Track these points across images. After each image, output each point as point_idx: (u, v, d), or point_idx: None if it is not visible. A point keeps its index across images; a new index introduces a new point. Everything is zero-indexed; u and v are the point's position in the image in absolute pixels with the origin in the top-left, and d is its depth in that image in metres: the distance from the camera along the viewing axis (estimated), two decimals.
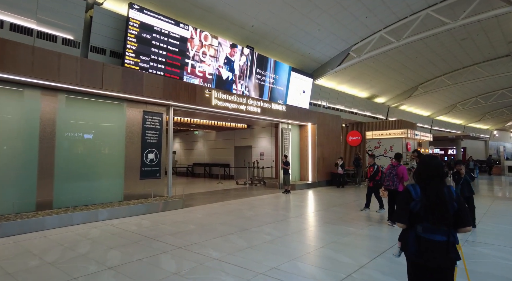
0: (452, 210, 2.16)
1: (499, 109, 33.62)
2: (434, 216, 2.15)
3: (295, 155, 14.37)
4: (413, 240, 2.21)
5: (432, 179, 2.25)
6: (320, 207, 8.69)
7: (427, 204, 2.19)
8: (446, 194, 2.18)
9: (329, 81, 17.09)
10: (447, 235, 2.14)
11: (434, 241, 2.14)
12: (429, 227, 2.16)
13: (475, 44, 15.82)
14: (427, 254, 2.16)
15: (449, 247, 2.13)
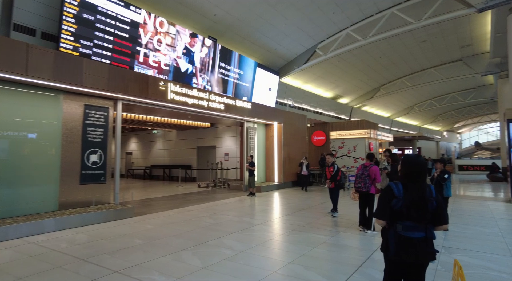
0: (431, 208, 2.22)
1: (449, 111, 36.00)
2: (417, 214, 2.20)
3: (261, 155, 13.71)
4: (393, 239, 2.26)
5: (416, 177, 2.30)
6: (286, 211, 8.06)
7: (410, 202, 2.23)
8: (428, 193, 2.25)
9: (295, 79, 16.70)
10: (425, 231, 2.21)
11: (414, 238, 2.20)
12: (409, 225, 2.22)
13: (433, 47, 16.35)
14: (406, 251, 2.21)
15: (427, 242, 2.21)
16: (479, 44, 16.03)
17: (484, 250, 4.64)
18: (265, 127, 14.18)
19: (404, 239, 2.22)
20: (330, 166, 7.15)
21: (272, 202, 9.82)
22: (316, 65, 15.61)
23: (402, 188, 2.29)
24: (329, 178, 7.15)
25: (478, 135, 52.84)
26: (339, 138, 19.53)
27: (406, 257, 2.22)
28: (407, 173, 2.33)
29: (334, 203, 7.20)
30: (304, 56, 14.13)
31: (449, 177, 5.77)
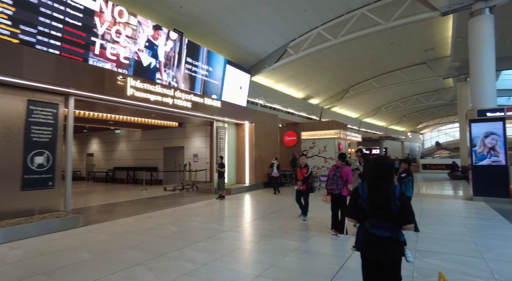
0: (395, 208, 2.24)
1: (413, 113, 37.71)
2: (380, 213, 2.26)
3: (231, 156, 13.24)
4: (361, 235, 2.36)
5: (381, 178, 2.35)
6: (257, 215, 7.66)
7: (373, 201, 2.30)
8: (391, 193, 2.28)
9: (266, 79, 16.41)
10: (391, 231, 2.24)
11: (379, 236, 2.26)
12: (375, 223, 2.28)
13: (400, 50, 16.80)
14: (371, 249, 2.28)
15: (390, 242, 2.23)
16: (441, 48, 16.71)
17: (456, 252, 4.52)
18: (236, 127, 13.72)
19: (371, 237, 2.30)
20: (304, 167, 6.81)
21: (242, 205, 9.39)
22: (287, 65, 15.42)
23: (366, 188, 2.39)
24: (301, 180, 6.75)
25: (438, 136, 56.08)
26: (310, 139, 19.56)
27: (370, 254, 2.30)
28: (373, 174, 2.42)
29: (306, 206, 6.88)
30: (276, 54, 13.87)
31: (407, 176, 5.67)
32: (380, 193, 2.31)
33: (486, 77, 9.39)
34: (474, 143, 9.23)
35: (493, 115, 8.96)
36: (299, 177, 6.78)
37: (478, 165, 9.12)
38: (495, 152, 8.93)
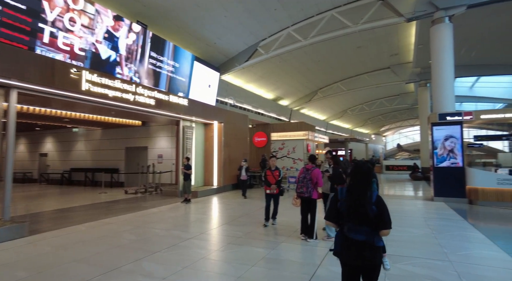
0: (372, 213, 2.26)
1: (377, 116, 39.37)
2: (356, 217, 2.29)
3: (199, 157, 12.72)
4: (339, 238, 2.39)
5: (358, 182, 2.39)
6: (224, 220, 7.29)
7: (350, 205, 2.33)
8: (368, 198, 2.30)
9: (237, 78, 16.08)
10: (366, 235, 2.26)
11: (355, 240, 2.27)
12: (352, 227, 2.30)
13: (367, 54, 17.28)
14: (347, 252, 2.30)
15: (366, 246, 2.24)
16: (404, 54, 17.44)
17: (424, 256, 4.50)
18: (204, 127, 13.22)
19: (347, 240, 2.31)
20: (275, 169, 6.51)
21: (209, 209, 8.96)
22: (257, 65, 15.21)
23: (345, 192, 2.43)
24: (275, 183, 6.35)
25: (400, 138, 59.19)
26: (280, 140, 19.52)
27: (345, 256, 2.33)
28: (352, 178, 2.46)
29: (275, 210, 6.60)
30: (246, 53, 13.59)
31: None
32: (357, 197, 2.33)
33: (446, 83, 9.82)
34: (436, 145, 9.59)
35: (452, 119, 9.37)
36: (271, 180, 6.41)
37: (439, 166, 9.49)
38: (454, 154, 9.34)
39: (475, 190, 8.83)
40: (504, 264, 4.16)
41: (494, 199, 8.52)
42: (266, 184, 6.44)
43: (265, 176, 6.49)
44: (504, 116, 9.10)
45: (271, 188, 6.38)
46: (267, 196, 6.50)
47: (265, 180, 6.46)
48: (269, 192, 6.42)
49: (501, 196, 8.45)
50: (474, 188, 8.83)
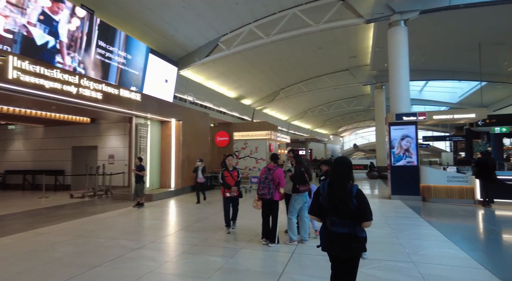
0: (353, 206, 2.35)
1: (335, 117, 40.76)
2: (338, 210, 2.38)
3: (155, 157, 11.86)
4: (323, 233, 2.49)
5: (339, 177, 2.49)
6: (179, 225, 6.70)
7: (332, 199, 2.43)
8: (348, 192, 2.39)
9: (197, 74, 15.39)
10: (349, 227, 2.35)
11: (338, 233, 2.37)
12: (335, 221, 2.39)
13: (327, 55, 17.57)
14: (332, 245, 2.41)
15: (350, 238, 2.34)
16: (362, 56, 18.04)
17: (388, 258, 4.37)
18: (161, 125, 12.38)
19: (331, 234, 2.39)
20: (233, 169, 6.07)
21: (163, 214, 8.27)
22: (219, 61, 14.69)
23: (327, 186, 2.49)
24: (235, 184, 5.86)
25: (356, 139, 62.16)
26: (242, 139, 19.18)
27: (330, 249, 2.41)
28: (332, 173, 2.55)
29: (235, 213, 6.18)
30: (206, 48, 12.99)
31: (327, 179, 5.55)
32: (337, 191, 2.41)
33: (402, 84, 10.16)
34: (393, 144, 9.87)
35: (408, 119, 9.70)
36: (230, 182, 5.89)
37: (396, 165, 9.77)
38: (409, 153, 9.68)
39: (428, 188, 9.21)
40: (463, 263, 4.16)
41: (444, 196, 8.95)
42: (225, 186, 5.86)
43: (223, 177, 5.90)
44: (453, 117, 9.64)
45: (231, 190, 5.86)
46: (226, 200, 5.94)
47: (223, 182, 5.88)
48: (229, 195, 5.86)
49: (450, 193, 8.90)
50: (427, 185, 9.21)
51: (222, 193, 5.93)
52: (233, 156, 6.23)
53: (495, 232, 6.16)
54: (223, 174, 5.92)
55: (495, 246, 5.21)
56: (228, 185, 5.86)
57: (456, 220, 7.20)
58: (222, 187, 5.94)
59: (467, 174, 9.15)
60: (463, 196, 8.75)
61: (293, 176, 5.24)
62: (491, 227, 6.55)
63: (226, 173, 5.93)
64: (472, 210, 8.02)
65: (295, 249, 4.77)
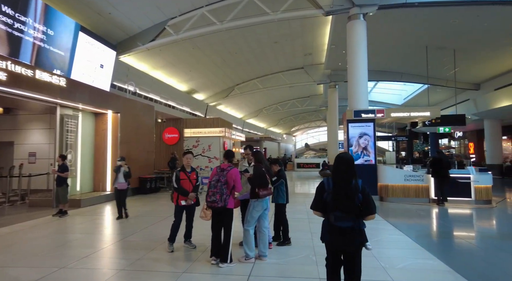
0: (358, 201, 2.41)
1: (289, 116, 41.07)
2: (343, 206, 2.40)
3: (87, 156, 10.07)
4: (326, 229, 2.50)
5: (343, 173, 2.48)
6: (111, 239, 5.35)
7: (337, 195, 2.43)
8: (353, 187, 2.42)
9: (141, 62, 13.68)
10: (353, 221, 2.40)
11: (343, 227, 2.40)
12: (339, 216, 2.40)
13: (283, 51, 17.01)
14: (337, 239, 2.43)
15: (354, 232, 2.40)
16: (317, 54, 17.87)
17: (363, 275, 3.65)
18: (95, 118, 10.58)
19: (335, 229, 2.42)
20: (192, 171, 4.73)
21: (90, 224, 6.75)
22: (167, 49, 13.20)
23: (331, 183, 2.49)
24: (192, 190, 4.60)
25: (307, 138, 63.87)
26: (194, 137, 17.89)
27: (336, 245, 2.46)
28: (335, 169, 2.54)
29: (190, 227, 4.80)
30: (151, 32, 11.46)
31: (279, 179, 4.78)
32: (343, 187, 2.42)
33: (360, 79, 9.87)
34: (351, 142, 9.51)
35: (367, 116, 9.42)
36: (187, 187, 4.56)
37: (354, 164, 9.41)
38: (367, 151, 9.40)
39: (385, 187, 8.99)
40: (445, 277, 3.61)
41: (401, 195, 8.80)
42: (180, 192, 4.52)
43: (178, 181, 4.53)
44: (410, 115, 9.60)
45: (188, 197, 4.55)
46: (179, 209, 4.61)
47: (178, 187, 4.52)
48: (184, 203, 4.55)
49: (407, 192, 8.76)
50: (385, 185, 8.99)
51: (175, 200, 4.61)
52: (193, 154, 4.93)
53: (466, 236, 5.93)
54: (178, 176, 4.56)
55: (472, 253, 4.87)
56: (185, 191, 4.54)
57: (418, 221, 6.93)
58: (175, 192, 4.60)
59: (420, 172, 9.12)
60: (419, 195, 8.67)
61: (251, 178, 4.29)
62: (458, 229, 6.35)
63: (183, 175, 4.60)
64: (429, 209, 7.92)
65: (252, 269, 3.82)
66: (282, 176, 4.86)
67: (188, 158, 4.70)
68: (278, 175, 4.82)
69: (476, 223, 6.90)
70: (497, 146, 17.19)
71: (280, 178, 4.83)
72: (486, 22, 11.38)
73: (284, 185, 4.93)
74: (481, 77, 18.04)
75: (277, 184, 4.76)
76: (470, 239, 5.45)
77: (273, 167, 4.93)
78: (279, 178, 4.80)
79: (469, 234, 5.95)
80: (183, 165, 4.68)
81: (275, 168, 4.93)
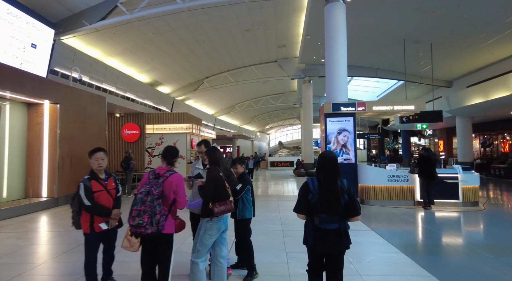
0: (344, 202, 2.28)
1: (263, 114, 40.08)
2: (330, 207, 2.26)
3: (16, 155, 8.25)
4: (311, 232, 2.34)
5: (328, 172, 2.35)
6: (34, 259, 3.82)
7: (323, 196, 2.29)
8: (339, 187, 2.30)
9: (92, 46, 11.85)
10: (339, 223, 2.29)
11: (329, 230, 2.28)
12: (325, 218, 2.28)
13: (255, 41, 15.79)
14: (322, 242, 2.28)
15: (341, 234, 2.28)
16: (292, 46, 16.87)
17: None
18: (28, 109, 8.74)
19: (320, 231, 2.29)
20: (108, 177, 3.17)
21: (11, 242, 5.11)
22: (123, 34, 11.54)
23: (317, 183, 2.34)
24: (113, 206, 3.07)
25: (281, 136, 63.43)
26: (157, 133, 16.30)
27: (321, 247, 2.31)
28: (320, 169, 2.40)
29: (111, 260, 3.26)
30: (101, 9, 9.75)
31: (245, 185, 3.52)
32: (328, 187, 2.30)
33: (339, 68, 8.88)
34: (329, 139, 8.50)
35: (347, 110, 8.44)
36: (105, 201, 2.99)
37: None
38: (347, 149, 8.45)
39: (367, 189, 8.06)
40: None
41: (384, 198, 7.91)
42: (96, 212, 2.91)
43: (90, 195, 2.90)
44: (393, 109, 8.72)
45: (112, 216, 3.00)
46: (94, 238, 2.99)
47: (91, 206, 2.87)
48: (106, 227, 2.97)
49: (390, 194, 7.89)
50: (366, 186, 8.06)
51: (85, 225, 2.95)
52: (103, 151, 3.31)
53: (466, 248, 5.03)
54: (89, 188, 2.92)
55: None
56: (104, 208, 2.96)
57: (403, 226, 6.02)
58: (83, 213, 2.94)
59: (404, 172, 8.30)
60: (403, 197, 7.82)
61: (204, 186, 3.00)
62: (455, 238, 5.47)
63: (96, 184, 3.00)
64: (414, 213, 7.08)
65: None
66: (247, 181, 3.64)
67: (98, 159, 3.03)
68: (243, 180, 3.58)
69: (467, 229, 6.12)
70: (468, 143, 17.18)
71: (246, 184, 3.60)
72: (466, 13, 10.91)
73: (251, 192, 3.71)
74: (454, 74, 17.99)
75: (240, 195, 3.51)
76: (469, 251, 4.56)
77: (237, 167, 3.70)
78: (244, 184, 3.57)
79: (467, 243, 5.09)
80: (91, 171, 3.06)
81: (239, 169, 3.70)
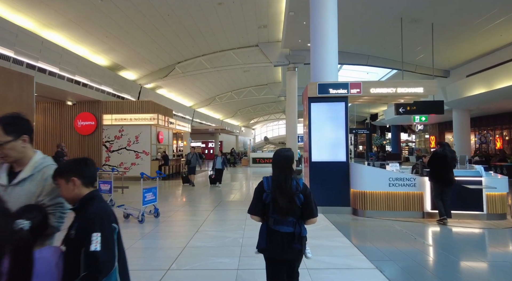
0: (299, 202, 2.15)
1: (247, 107, 37.99)
2: (280, 207, 2.14)
3: None
4: (264, 234, 2.21)
5: (281, 170, 2.23)
6: None
7: (275, 195, 2.18)
8: (293, 186, 2.18)
9: (21, 14, 9.44)
10: (294, 226, 2.15)
11: (282, 232, 2.14)
12: (278, 219, 2.16)
13: (231, 18, 13.59)
14: (274, 246, 2.15)
15: (294, 238, 2.13)
16: (274, 27, 14.84)
17: None
18: None
19: (273, 233, 2.16)
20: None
21: None
22: (65, 2, 9.19)
23: (271, 182, 2.24)
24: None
25: (267, 132, 61.60)
26: (117, 125, 14.08)
27: (273, 252, 2.16)
28: (273, 165, 2.30)
29: None
30: None
31: None
32: (281, 186, 2.17)
33: (328, 41, 6.90)
34: None
35: (337, 92, 6.48)
36: None
37: (317, 161, 6.46)
38: None
39: (362, 195, 6.13)
40: None
41: (384, 207, 6.01)
42: None
43: None
44: (396, 91, 6.74)
45: None
46: None
47: None
48: None
49: (392, 203, 6.00)
50: (361, 192, 6.12)
51: None
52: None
53: None
54: None
55: None
56: None
57: (417, 255, 4.12)
58: None
59: (412, 175, 6.45)
60: (409, 207, 5.95)
61: None
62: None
63: None
64: (427, 229, 5.24)
65: None
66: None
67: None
68: None
69: (497, 251, 4.31)
70: (466, 138, 15.70)
71: None
72: None
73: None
74: (452, 63, 16.38)
75: None
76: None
77: None
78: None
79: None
80: None
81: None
